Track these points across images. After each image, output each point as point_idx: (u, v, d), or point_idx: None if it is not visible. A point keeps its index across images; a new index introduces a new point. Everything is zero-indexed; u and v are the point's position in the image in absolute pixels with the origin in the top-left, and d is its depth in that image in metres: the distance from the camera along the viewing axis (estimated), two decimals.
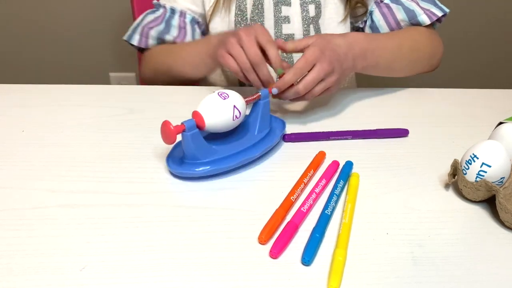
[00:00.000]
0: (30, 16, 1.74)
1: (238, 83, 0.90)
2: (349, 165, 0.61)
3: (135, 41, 0.88)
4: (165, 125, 0.55)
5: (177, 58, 0.83)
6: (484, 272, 0.47)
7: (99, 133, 0.67)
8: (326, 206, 0.53)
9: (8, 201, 0.53)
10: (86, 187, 0.56)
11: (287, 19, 0.86)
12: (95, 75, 1.83)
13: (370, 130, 0.69)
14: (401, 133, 0.69)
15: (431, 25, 0.87)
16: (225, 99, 0.58)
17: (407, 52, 0.80)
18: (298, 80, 0.65)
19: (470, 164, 0.55)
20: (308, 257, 0.46)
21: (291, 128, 0.70)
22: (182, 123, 0.56)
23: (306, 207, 0.53)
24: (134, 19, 1.09)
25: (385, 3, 0.87)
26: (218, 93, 0.59)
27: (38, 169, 0.59)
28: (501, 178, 0.55)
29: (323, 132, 0.68)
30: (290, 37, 0.87)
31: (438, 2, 0.87)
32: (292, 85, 0.65)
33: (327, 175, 0.59)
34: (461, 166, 0.57)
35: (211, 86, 0.87)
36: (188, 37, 0.87)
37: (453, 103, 0.81)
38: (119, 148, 0.63)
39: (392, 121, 0.74)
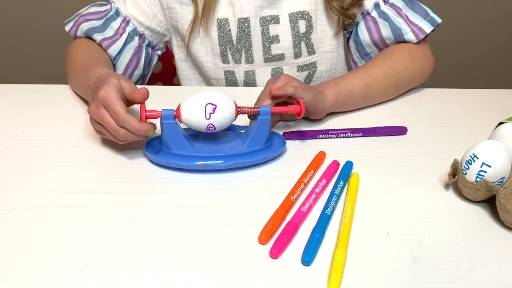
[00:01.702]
0: (30, 16, 1.74)
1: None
2: (349, 165, 0.61)
3: (68, 27, 0.85)
4: (141, 107, 0.59)
5: (76, 72, 0.76)
6: (484, 272, 0.47)
7: None
8: (326, 206, 0.53)
9: (8, 201, 0.53)
10: (86, 187, 0.56)
11: (276, 39, 0.82)
12: None
13: (369, 128, 0.69)
14: (400, 131, 0.69)
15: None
16: (211, 98, 0.58)
17: (383, 79, 0.77)
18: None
19: (470, 164, 0.55)
20: (308, 257, 0.46)
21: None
22: (160, 110, 0.58)
23: (306, 207, 0.53)
24: None
25: (371, 16, 0.83)
26: (209, 93, 0.59)
27: (38, 169, 0.59)
28: (501, 178, 0.55)
29: (321, 130, 0.68)
30: (280, 57, 0.83)
31: (430, 13, 0.82)
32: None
33: (327, 175, 0.59)
34: (461, 166, 0.57)
35: (212, 86, 0.87)
36: (117, 46, 0.80)
37: (453, 103, 0.81)
38: (119, 148, 0.63)
39: (392, 121, 0.74)
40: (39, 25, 1.76)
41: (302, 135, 0.67)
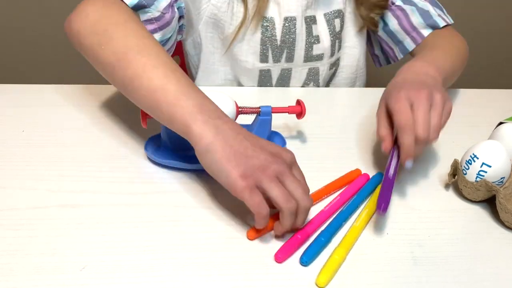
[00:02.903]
0: (30, 16, 1.74)
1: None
2: (378, 176, 0.59)
3: None
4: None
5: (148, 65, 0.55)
6: (484, 272, 0.47)
7: (98, 133, 0.67)
8: (344, 216, 0.52)
9: (8, 201, 0.53)
10: (86, 187, 0.56)
11: (317, 39, 0.81)
12: (95, 75, 1.83)
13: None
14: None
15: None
16: (211, 98, 0.58)
17: (456, 54, 0.78)
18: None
19: (470, 164, 0.55)
20: (306, 257, 0.46)
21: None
22: None
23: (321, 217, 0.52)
24: None
25: (397, 5, 0.83)
26: (209, 93, 0.59)
27: (38, 169, 0.59)
28: (501, 178, 0.55)
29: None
30: (319, 57, 0.82)
31: (445, 11, 0.85)
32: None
33: (352, 189, 0.57)
34: (461, 166, 0.57)
35: (213, 87, 0.87)
36: (170, 28, 0.69)
37: (453, 103, 0.81)
38: (119, 148, 0.63)
39: None
40: (39, 25, 1.76)
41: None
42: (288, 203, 0.46)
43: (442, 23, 0.82)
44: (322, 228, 0.50)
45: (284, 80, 0.84)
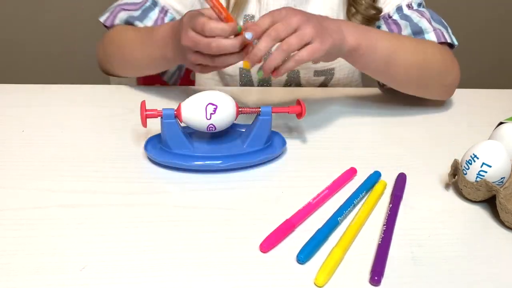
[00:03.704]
0: (30, 16, 1.74)
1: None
2: (375, 175, 0.59)
3: (103, 18, 0.80)
4: (141, 106, 0.59)
5: (133, 41, 0.75)
6: (484, 272, 0.47)
7: (99, 133, 0.67)
8: (339, 213, 0.52)
9: (8, 201, 0.53)
10: (86, 187, 0.56)
11: None
12: (95, 75, 1.83)
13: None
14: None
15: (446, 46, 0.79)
16: (211, 98, 0.58)
17: (411, 50, 0.72)
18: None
19: (470, 164, 0.55)
20: (302, 254, 0.46)
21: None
22: (161, 110, 0.58)
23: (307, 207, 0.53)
24: None
25: (393, 19, 0.81)
26: (210, 93, 0.59)
27: (38, 169, 0.59)
28: (502, 178, 0.55)
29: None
30: None
31: (450, 32, 0.79)
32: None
33: (339, 182, 0.58)
34: (461, 166, 0.57)
35: (215, 87, 0.87)
36: None
37: (453, 103, 0.81)
38: (119, 148, 0.63)
39: (392, 121, 0.74)
40: (39, 25, 1.76)
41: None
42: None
43: (433, 39, 0.77)
44: (319, 225, 0.50)
45: (264, 81, 0.86)
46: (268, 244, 0.48)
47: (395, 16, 0.81)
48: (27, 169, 0.59)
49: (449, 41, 0.77)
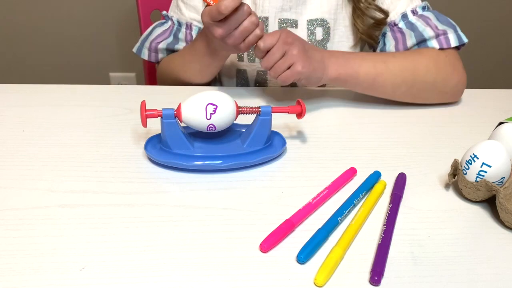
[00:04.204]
0: (30, 16, 1.74)
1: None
2: (375, 175, 0.59)
3: (145, 56, 0.88)
4: (141, 106, 0.59)
5: (181, 62, 0.82)
6: (484, 272, 0.47)
7: (99, 133, 0.67)
8: (339, 213, 0.52)
9: (8, 201, 0.53)
10: (86, 187, 0.56)
11: None
12: (95, 75, 1.83)
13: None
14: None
15: (454, 48, 0.79)
16: (211, 98, 0.58)
17: (396, 71, 0.74)
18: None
19: (470, 164, 0.55)
20: (302, 254, 0.46)
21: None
22: (161, 110, 0.58)
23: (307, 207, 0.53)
24: (139, 18, 1.09)
25: (398, 27, 0.81)
26: (210, 93, 0.59)
27: (38, 169, 0.59)
28: (501, 178, 0.55)
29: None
30: None
31: (458, 30, 0.79)
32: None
33: (339, 182, 0.58)
34: (461, 166, 0.57)
35: (215, 87, 0.87)
36: None
37: (453, 103, 0.81)
38: (119, 148, 0.63)
39: (392, 121, 0.74)
40: (39, 25, 1.77)
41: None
42: None
43: (435, 46, 0.78)
44: (319, 225, 0.50)
45: (261, 84, 0.86)
46: (268, 244, 0.48)
47: (401, 24, 0.81)
48: (27, 169, 0.59)
49: (453, 45, 0.78)
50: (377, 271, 0.45)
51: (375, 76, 0.74)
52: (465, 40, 0.79)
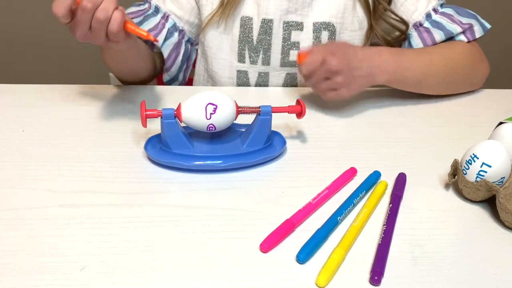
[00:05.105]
0: (30, 16, 1.74)
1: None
2: (375, 175, 0.59)
3: None
4: (141, 106, 0.59)
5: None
6: (484, 272, 0.47)
7: (99, 133, 0.67)
8: (339, 213, 0.52)
9: (8, 201, 0.53)
10: (86, 187, 0.56)
11: (296, 45, 0.82)
12: (95, 75, 1.83)
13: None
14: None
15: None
16: (211, 98, 0.58)
17: (440, 69, 0.78)
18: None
19: (470, 164, 0.55)
20: (301, 254, 0.46)
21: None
22: (161, 110, 0.58)
23: (307, 207, 0.53)
24: None
25: (424, 27, 0.82)
26: (210, 93, 0.59)
27: (38, 169, 0.59)
28: (501, 178, 0.55)
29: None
30: (296, 64, 0.82)
31: (479, 18, 0.83)
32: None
33: (339, 182, 0.58)
34: (461, 166, 0.57)
35: (215, 87, 0.87)
36: (160, 38, 0.81)
37: (453, 103, 0.81)
38: (119, 148, 0.63)
39: (392, 121, 0.74)
40: (39, 25, 1.76)
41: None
42: None
43: (464, 40, 0.81)
44: (319, 225, 0.50)
45: (262, 84, 0.86)
46: (268, 244, 0.48)
47: (426, 24, 0.82)
48: (27, 169, 0.59)
49: (478, 36, 0.81)
50: (377, 271, 0.45)
51: (422, 78, 0.77)
52: (488, 26, 0.82)
